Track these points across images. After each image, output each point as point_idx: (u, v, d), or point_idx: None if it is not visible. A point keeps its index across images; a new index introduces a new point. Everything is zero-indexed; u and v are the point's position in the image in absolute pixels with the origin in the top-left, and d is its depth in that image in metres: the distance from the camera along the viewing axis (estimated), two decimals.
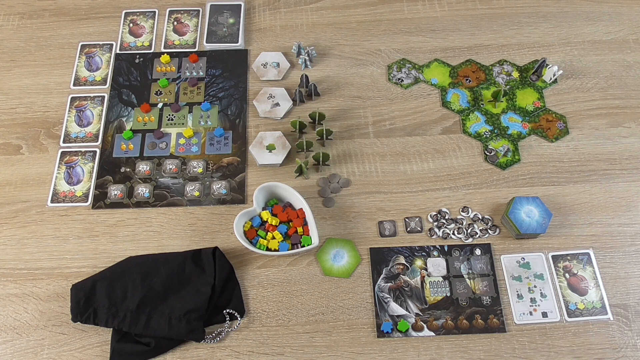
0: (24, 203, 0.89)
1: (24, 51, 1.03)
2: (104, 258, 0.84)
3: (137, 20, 1.06)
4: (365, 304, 0.81)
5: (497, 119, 0.95)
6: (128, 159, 0.92)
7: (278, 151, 0.91)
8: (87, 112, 0.97)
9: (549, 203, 0.85)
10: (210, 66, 1.01)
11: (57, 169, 0.91)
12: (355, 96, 0.98)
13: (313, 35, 1.04)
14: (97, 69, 1.01)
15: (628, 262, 0.83)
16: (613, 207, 0.87)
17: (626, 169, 0.91)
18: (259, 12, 1.08)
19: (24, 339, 0.79)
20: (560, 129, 0.94)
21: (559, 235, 0.85)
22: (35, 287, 0.82)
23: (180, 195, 0.89)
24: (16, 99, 0.98)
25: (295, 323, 0.79)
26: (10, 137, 0.95)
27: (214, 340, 0.78)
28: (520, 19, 1.06)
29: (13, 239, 0.86)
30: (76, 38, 1.05)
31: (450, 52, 1.02)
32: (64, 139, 0.94)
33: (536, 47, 1.03)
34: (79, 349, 0.78)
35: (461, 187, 0.89)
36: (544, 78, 0.98)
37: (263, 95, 0.97)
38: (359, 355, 0.77)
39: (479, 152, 0.92)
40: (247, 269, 0.83)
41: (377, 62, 1.01)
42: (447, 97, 0.98)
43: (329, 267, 0.82)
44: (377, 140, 0.94)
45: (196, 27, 1.05)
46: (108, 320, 0.77)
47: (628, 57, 1.01)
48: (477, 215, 0.87)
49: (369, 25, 1.06)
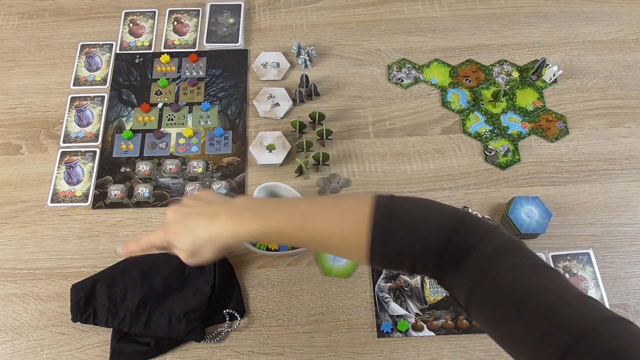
0: (24, 203, 0.89)
1: (24, 51, 1.03)
2: (104, 258, 0.84)
3: (137, 20, 1.06)
4: (365, 304, 0.81)
5: (497, 119, 0.95)
6: (128, 159, 0.92)
7: (278, 151, 0.91)
8: (87, 112, 0.97)
9: (549, 203, 0.85)
10: (210, 66, 1.01)
11: (57, 169, 0.91)
12: (355, 96, 0.98)
13: (313, 35, 1.04)
14: (97, 69, 1.01)
15: (628, 262, 0.83)
16: (613, 207, 0.87)
17: (626, 169, 0.91)
18: (259, 12, 1.08)
19: (24, 339, 0.79)
20: (560, 129, 0.94)
21: (559, 235, 0.85)
22: (35, 287, 0.82)
23: (180, 195, 0.89)
24: (16, 99, 0.98)
25: (295, 323, 0.79)
26: (10, 137, 0.95)
27: (214, 340, 0.78)
28: (520, 19, 1.06)
29: (13, 239, 0.86)
30: (76, 38, 1.05)
31: (450, 52, 1.02)
32: (64, 139, 0.94)
33: (536, 47, 1.03)
34: (79, 349, 0.78)
35: (461, 187, 0.89)
36: (544, 78, 0.98)
37: (263, 95, 0.97)
38: (359, 355, 0.77)
39: (479, 152, 0.93)
40: (247, 269, 0.83)
41: (377, 62, 1.01)
42: (447, 97, 0.98)
43: (329, 267, 0.82)
44: (377, 140, 0.94)
45: (196, 27, 1.06)
46: (108, 320, 0.77)
47: (628, 57, 1.01)
48: (477, 215, 0.87)
49: (369, 25, 1.06)
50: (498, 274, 0.47)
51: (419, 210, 0.53)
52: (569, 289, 0.44)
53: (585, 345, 0.39)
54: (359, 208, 0.53)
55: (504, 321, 0.45)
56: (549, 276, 0.46)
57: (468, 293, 0.48)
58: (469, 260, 0.49)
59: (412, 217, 0.52)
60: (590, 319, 0.41)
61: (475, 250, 0.49)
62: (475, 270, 0.48)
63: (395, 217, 0.52)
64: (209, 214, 0.58)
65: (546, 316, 0.42)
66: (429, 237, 0.51)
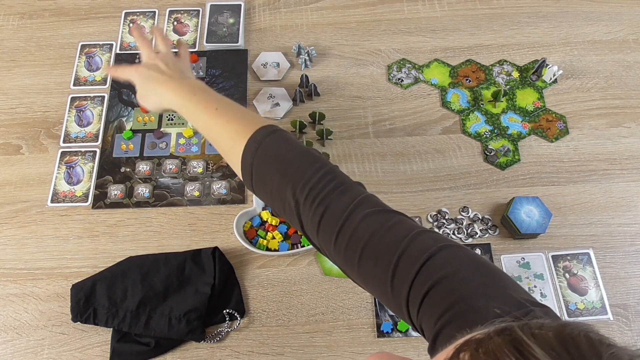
0: (24, 203, 0.89)
1: (24, 51, 1.03)
2: (104, 258, 0.84)
3: (137, 20, 1.06)
4: (365, 304, 0.81)
5: (497, 119, 0.95)
6: (128, 159, 0.92)
7: None
8: (87, 112, 0.97)
9: (549, 203, 0.85)
10: (210, 66, 1.01)
11: (57, 169, 0.91)
12: (355, 96, 0.98)
13: (313, 35, 1.04)
14: (97, 69, 1.01)
15: (628, 262, 0.83)
16: (613, 207, 0.87)
17: (626, 169, 0.91)
18: (259, 12, 1.08)
19: (24, 339, 0.79)
20: (560, 129, 0.94)
21: (559, 235, 0.85)
22: (35, 287, 0.82)
23: (180, 195, 0.89)
24: (16, 99, 0.98)
25: (295, 323, 0.79)
26: (10, 137, 0.95)
27: (214, 340, 0.78)
28: (520, 19, 1.06)
29: (13, 239, 0.86)
30: (76, 38, 1.05)
31: (450, 52, 1.02)
32: (64, 139, 0.94)
33: (536, 47, 1.03)
34: (79, 349, 0.78)
35: (461, 187, 0.89)
36: (544, 78, 0.98)
37: (263, 95, 0.97)
38: (359, 355, 0.77)
39: (479, 152, 0.92)
40: (247, 269, 0.83)
41: (377, 62, 1.01)
42: (447, 97, 0.98)
43: (329, 267, 0.82)
44: (377, 140, 0.94)
45: (196, 27, 1.05)
46: (108, 320, 0.77)
47: (628, 57, 1.01)
48: (477, 215, 0.87)
49: (369, 25, 1.05)
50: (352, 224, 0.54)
51: (289, 145, 0.60)
52: (412, 227, 0.52)
53: (405, 258, 0.49)
54: (252, 125, 0.61)
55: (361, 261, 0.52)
56: (393, 220, 0.53)
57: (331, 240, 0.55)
58: (329, 211, 0.54)
59: (278, 148, 0.59)
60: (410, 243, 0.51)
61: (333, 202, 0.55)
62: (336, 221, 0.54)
63: (264, 143, 0.59)
64: (168, 75, 0.72)
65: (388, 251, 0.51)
66: (285, 168, 0.57)
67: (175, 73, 0.73)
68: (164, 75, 0.72)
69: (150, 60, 0.75)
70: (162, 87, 0.71)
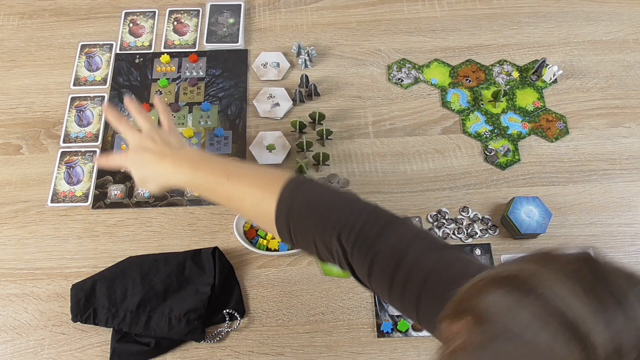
0: (24, 203, 0.89)
1: (24, 51, 1.03)
2: (104, 258, 0.84)
3: (137, 20, 1.06)
4: (365, 304, 0.81)
5: (497, 119, 0.95)
6: None
7: (278, 151, 0.91)
8: (87, 112, 0.97)
9: (549, 203, 0.85)
10: (210, 66, 1.01)
11: (57, 169, 0.91)
12: (355, 96, 0.98)
13: (313, 35, 1.04)
14: (97, 69, 1.01)
15: (628, 262, 0.83)
16: (613, 207, 0.87)
17: (626, 169, 0.91)
18: (259, 12, 1.07)
19: (24, 339, 0.79)
20: (560, 129, 0.94)
21: (559, 235, 0.85)
22: (35, 287, 0.82)
23: (180, 195, 0.89)
24: (16, 99, 0.98)
25: (295, 323, 0.79)
26: (10, 137, 0.95)
27: (214, 340, 0.78)
28: (520, 19, 1.06)
29: (13, 239, 0.86)
30: (76, 38, 1.05)
31: (450, 52, 1.02)
32: (64, 139, 0.94)
33: (536, 47, 1.03)
34: (79, 349, 0.78)
35: (461, 187, 0.89)
36: (544, 78, 0.98)
37: (263, 95, 0.97)
38: (359, 355, 0.77)
39: (479, 152, 0.92)
40: (247, 269, 0.83)
41: (377, 62, 1.01)
42: (447, 97, 0.98)
43: (329, 267, 0.82)
44: (377, 140, 0.94)
45: (196, 27, 1.05)
46: (108, 320, 0.77)
47: (628, 57, 1.01)
48: (477, 215, 0.87)
49: (369, 25, 1.05)
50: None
51: (322, 192, 0.58)
52: (468, 263, 0.51)
53: None
54: (275, 182, 0.58)
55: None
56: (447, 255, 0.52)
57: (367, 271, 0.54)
58: (367, 244, 0.53)
59: (313, 198, 0.57)
60: None
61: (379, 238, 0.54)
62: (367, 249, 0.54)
63: (297, 196, 0.57)
64: (159, 154, 0.67)
65: None
66: (326, 218, 0.55)
67: (165, 148, 0.67)
68: (155, 154, 0.67)
69: (136, 142, 0.70)
70: (157, 167, 0.66)
